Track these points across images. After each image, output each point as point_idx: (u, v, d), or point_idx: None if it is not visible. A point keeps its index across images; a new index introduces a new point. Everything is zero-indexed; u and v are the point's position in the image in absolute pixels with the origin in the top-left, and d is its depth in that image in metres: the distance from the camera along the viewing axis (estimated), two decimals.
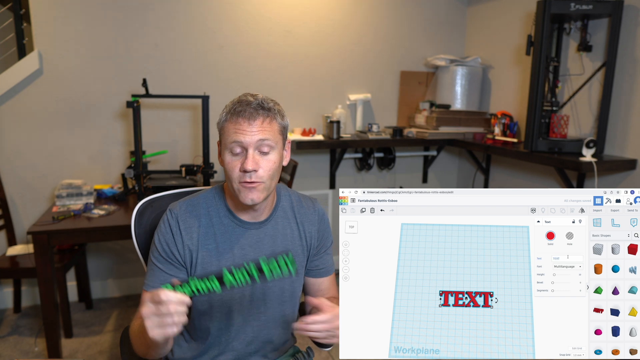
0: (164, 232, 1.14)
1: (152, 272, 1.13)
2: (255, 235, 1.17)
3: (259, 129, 1.05)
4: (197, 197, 1.19)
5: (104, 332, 2.57)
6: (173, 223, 1.13)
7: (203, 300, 1.15)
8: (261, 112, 1.06)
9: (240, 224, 1.16)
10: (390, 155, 3.41)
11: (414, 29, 3.39)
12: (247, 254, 1.16)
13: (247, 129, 1.04)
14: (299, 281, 1.25)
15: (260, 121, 1.05)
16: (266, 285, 1.17)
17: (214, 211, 1.16)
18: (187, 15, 2.87)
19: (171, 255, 1.13)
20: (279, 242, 1.19)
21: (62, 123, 2.73)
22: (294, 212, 1.23)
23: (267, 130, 1.06)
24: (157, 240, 1.14)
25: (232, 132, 1.05)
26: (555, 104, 2.59)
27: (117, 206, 2.45)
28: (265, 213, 1.18)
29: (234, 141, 1.05)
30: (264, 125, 1.06)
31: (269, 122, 1.07)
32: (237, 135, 1.04)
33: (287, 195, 1.25)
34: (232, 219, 1.16)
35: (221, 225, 1.15)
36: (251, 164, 1.03)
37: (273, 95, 3.44)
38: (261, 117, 1.06)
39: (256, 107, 1.05)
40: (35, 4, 2.58)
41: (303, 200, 1.27)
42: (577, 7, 2.37)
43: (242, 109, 1.05)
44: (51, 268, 2.11)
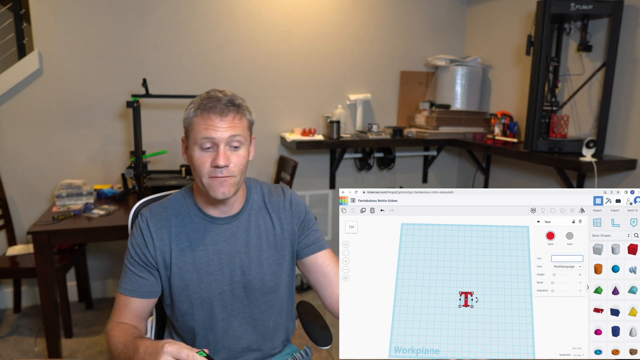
0: (135, 237, 1.16)
1: (126, 274, 1.16)
2: (229, 230, 1.18)
3: (230, 125, 1.06)
4: (167, 200, 1.21)
5: (104, 332, 2.57)
6: (144, 226, 1.15)
7: (183, 299, 1.16)
8: (232, 109, 1.07)
9: (211, 221, 1.17)
10: (390, 155, 3.41)
11: (413, 29, 3.39)
12: (221, 249, 1.17)
13: (218, 125, 1.05)
14: (284, 270, 1.24)
15: (231, 117, 1.07)
16: (245, 278, 1.18)
17: (184, 211, 1.18)
18: (187, 15, 2.87)
19: (144, 258, 1.14)
20: (253, 234, 1.20)
21: (62, 123, 2.73)
22: (265, 203, 1.24)
23: (237, 126, 1.08)
24: (130, 245, 1.17)
25: (203, 128, 1.06)
26: (555, 104, 2.59)
27: (117, 206, 2.45)
28: (235, 207, 1.19)
29: (205, 137, 1.06)
30: (234, 121, 1.07)
31: (239, 119, 1.09)
32: (209, 131, 1.05)
33: (258, 188, 1.26)
34: (203, 217, 1.17)
35: (192, 224, 1.17)
36: (223, 159, 1.05)
37: (273, 95, 3.45)
38: (232, 114, 1.07)
39: (227, 104, 1.07)
40: (35, 4, 2.58)
41: (273, 190, 1.27)
42: (577, 7, 2.37)
43: (212, 104, 1.06)
44: (51, 268, 2.11)
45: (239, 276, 1.17)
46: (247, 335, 1.21)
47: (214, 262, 1.16)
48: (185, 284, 1.14)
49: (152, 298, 1.18)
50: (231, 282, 1.17)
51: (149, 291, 1.16)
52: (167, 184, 2.52)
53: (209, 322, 1.18)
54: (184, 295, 1.15)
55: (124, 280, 1.16)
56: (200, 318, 1.17)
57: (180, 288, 1.14)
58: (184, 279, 1.14)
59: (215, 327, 1.18)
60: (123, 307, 1.15)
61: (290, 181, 2.71)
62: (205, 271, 1.15)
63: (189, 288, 1.14)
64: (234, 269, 1.17)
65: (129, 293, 1.15)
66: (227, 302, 1.18)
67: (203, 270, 1.15)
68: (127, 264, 1.17)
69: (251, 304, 1.20)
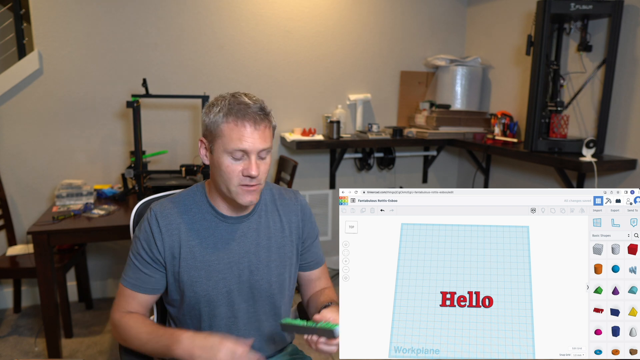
0: (144, 233, 1.15)
1: (130, 268, 1.15)
2: (240, 230, 1.18)
3: (261, 136, 1.06)
4: (178, 196, 1.20)
5: (104, 332, 2.57)
6: (153, 222, 1.14)
7: (189, 296, 1.15)
8: (264, 118, 1.07)
9: (223, 219, 1.17)
10: (390, 155, 3.41)
11: (413, 29, 3.39)
12: (232, 248, 1.16)
13: (250, 136, 1.04)
14: (288, 272, 1.25)
15: (263, 127, 1.06)
16: (253, 278, 1.18)
17: (195, 208, 1.17)
18: (187, 15, 2.87)
19: (151, 255, 1.14)
20: (263, 235, 1.20)
21: (62, 123, 2.73)
22: (276, 205, 1.24)
23: (268, 137, 1.08)
24: (137, 239, 1.16)
25: (236, 137, 1.04)
26: (560, 104, 2.58)
27: (117, 206, 2.45)
28: (248, 208, 1.19)
29: (238, 149, 1.04)
30: (266, 132, 1.07)
31: (269, 129, 1.09)
32: (242, 142, 1.04)
33: (269, 189, 1.26)
34: (215, 215, 1.17)
35: (204, 221, 1.16)
36: (255, 169, 1.05)
37: (273, 95, 3.45)
38: (264, 123, 1.07)
39: (257, 112, 1.06)
40: (35, 4, 2.58)
41: (285, 193, 1.28)
42: (577, 7, 2.37)
43: (243, 112, 1.04)
44: (51, 268, 2.11)
45: (246, 276, 1.18)
46: (251, 335, 1.21)
47: (223, 260, 1.15)
48: (193, 280, 1.14)
49: (155, 294, 1.17)
50: (239, 282, 1.17)
51: (152, 288, 1.16)
52: (167, 184, 2.51)
53: (213, 321, 1.18)
54: (190, 292, 1.14)
55: (128, 273, 1.15)
56: (205, 315, 1.17)
57: (187, 285, 1.14)
58: (191, 275, 1.14)
59: (220, 326, 1.18)
60: (129, 299, 1.15)
61: (290, 181, 2.71)
62: (214, 269, 1.15)
63: (196, 285, 1.14)
64: (243, 268, 1.17)
65: (132, 287, 1.14)
66: (233, 302, 1.18)
67: (212, 268, 1.15)
68: (133, 259, 1.15)
69: (256, 304, 1.20)
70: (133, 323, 1.10)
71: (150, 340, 1.06)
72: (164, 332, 1.07)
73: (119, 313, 1.14)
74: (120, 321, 1.12)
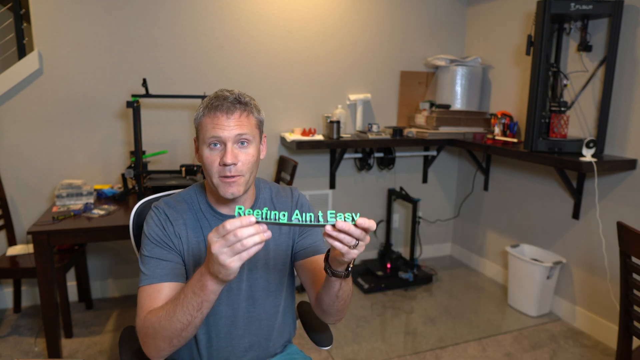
0: (153, 226, 1.13)
1: (150, 264, 1.09)
2: None
3: (236, 123, 1.06)
4: (177, 195, 1.21)
5: (104, 332, 2.57)
6: (162, 216, 1.14)
7: None
8: (238, 106, 1.07)
9: (222, 218, 1.17)
10: (390, 155, 3.41)
11: (413, 29, 3.39)
12: None
13: (225, 123, 1.05)
14: (288, 271, 1.25)
15: (237, 115, 1.07)
16: (252, 277, 1.18)
17: (196, 207, 1.18)
18: (187, 15, 2.87)
19: (166, 239, 1.12)
20: None
21: (62, 123, 2.73)
22: (274, 203, 1.25)
23: (244, 124, 1.07)
24: (147, 234, 1.12)
25: (210, 127, 1.06)
26: (563, 104, 2.58)
27: (117, 206, 2.45)
28: (246, 206, 1.18)
29: (212, 136, 1.06)
30: (241, 119, 1.07)
31: (246, 116, 1.08)
32: (216, 130, 1.05)
33: (267, 188, 1.27)
34: (214, 214, 1.17)
35: (205, 220, 1.17)
36: (230, 157, 1.05)
37: (273, 95, 3.46)
38: (238, 111, 1.07)
39: (233, 102, 1.07)
40: (35, 4, 2.58)
41: (281, 190, 1.29)
42: (577, 7, 2.37)
43: (219, 103, 1.06)
44: (51, 268, 2.11)
45: (245, 275, 1.18)
46: (250, 335, 1.21)
47: None
48: None
49: (182, 282, 1.09)
50: (239, 281, 1.17)
51: (180, 273, 1.10)
52: (167, 184, 2.51)
53: (213, 319, 1.17)
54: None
55: (146, 272, 1.08)
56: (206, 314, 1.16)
57: None
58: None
59: (219, 325, 1.18)
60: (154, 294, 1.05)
61: (290, 181, 2.71)
62: None
63: None
64: (242, 267, 1.17)
65: (156, 280, 1.07)
66: (232, 301, 1.18)
67: None
68: (148, 254, 1.10)
69: (256, 303, 1.20)
70: (155, 311, 1.01)
71: (179, 303, 0.95)
72: (185, 286, 0.97)
73: (142, 316, 1.04)
74: (144, 320, 1.02)
